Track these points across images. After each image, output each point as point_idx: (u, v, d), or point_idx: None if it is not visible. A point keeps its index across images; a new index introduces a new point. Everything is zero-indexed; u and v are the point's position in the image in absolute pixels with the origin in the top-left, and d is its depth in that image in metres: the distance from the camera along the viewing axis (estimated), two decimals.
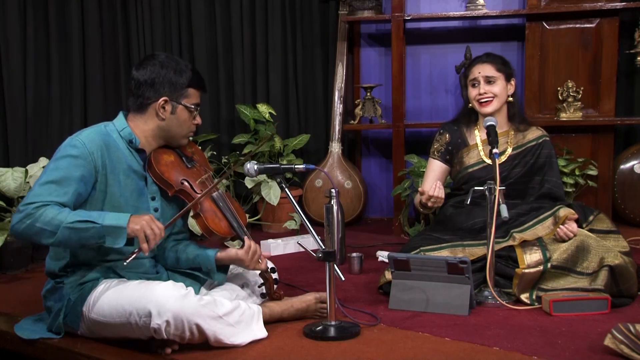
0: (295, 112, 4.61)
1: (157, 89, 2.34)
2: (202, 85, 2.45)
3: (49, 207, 2.11)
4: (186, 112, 2.39)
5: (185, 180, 2.40)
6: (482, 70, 2.96)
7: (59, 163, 2.21)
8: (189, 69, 2.39)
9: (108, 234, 2.11)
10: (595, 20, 4.10)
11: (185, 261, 2.43)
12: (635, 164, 4.14)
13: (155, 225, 2.15)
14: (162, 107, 2.35)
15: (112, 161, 2.29)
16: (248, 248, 2.39)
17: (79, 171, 2.20)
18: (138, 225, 2.12)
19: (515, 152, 3.00)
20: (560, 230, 2.68)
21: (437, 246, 2.78)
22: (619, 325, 2.07)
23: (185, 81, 2.36)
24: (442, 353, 2.15)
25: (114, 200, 2.28)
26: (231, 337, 2.18)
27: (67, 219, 2.09)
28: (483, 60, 3.00)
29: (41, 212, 2.10)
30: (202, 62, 4.40)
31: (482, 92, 2.94)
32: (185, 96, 2.37)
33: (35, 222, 2.09)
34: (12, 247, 3.31)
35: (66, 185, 2.17)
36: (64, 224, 2.08)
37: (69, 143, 2.25)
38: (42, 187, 2.16)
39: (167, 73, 2.34)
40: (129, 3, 4.25)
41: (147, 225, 2.13)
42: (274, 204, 4.03)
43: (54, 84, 3.98)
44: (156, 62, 2.36)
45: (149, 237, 2.13)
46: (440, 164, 3.09)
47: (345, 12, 4.43)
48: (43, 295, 2.37)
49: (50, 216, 2.09)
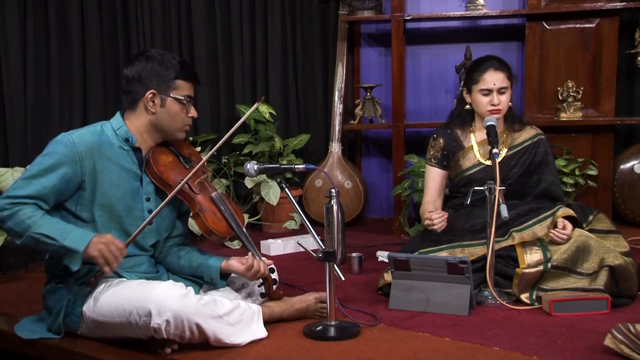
0: (295, 112, 4.60)
1: (145, 83, 2.34)
2: (192, 76, 2.42)
3: (26, 207, 2.14)
4: (177, 105, 2.37)
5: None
6: (497, 80, 2.88)
7: (44, 159, 2.23)
8: (176, 60, 2.38)
9: (65, 255, 2.13)
10: (595, 20, 4.10)
11: (187, 268, 2.42)
12: (635, 164, 4.14)
13: (115, 247, 2.14)
14: (152, 101, 2.34)
15: (103, 161, 2.28)
16: (250, 267, 2.37)
17: (61, 169, 2.21)
18: (96, 251, 2.12)
19: (511, 152, 2.99)
20: (552, 234, 2.67)
21: (437, 247, 2.78)
22: (619, 325, 2.07)
23: (173, 73, 2.35)
24: (442, 353, 2.15)
25: (104, 200, 2.28)
26: (231, 336, 2.18)
27: (33, 228, 2.12)
28: (496, 67, 2.91)
29: (16, 211, 2.13)
30: (202, 62, 4.40)
31: (497, 103, 2.89)
32: (174, 88, 2.36)
33: (7, 219, 2.13)
34: (12, 247, 3.30)
35: (46, 180, 2.18)
36: (30, 231, 2.12)
37: (59, 139, 2.26)
38: (24, 180, 2.19)
39: (153, 66, 2.34)
40: (129, 3, 4.25)
41: (105, 248, 2.13)
42: (274, 204, 4.03)
43: (54, 84, 3.98)
44: (142, 58, 2.37)
45: (109, 260, 2.14)
46: (438, 170, 3.08)
47: (345, 12, 4.43)
48: (43, 295, 2.37)
49: (21, 218, 2.12)
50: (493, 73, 2.90)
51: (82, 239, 2.14)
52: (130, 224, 2.32)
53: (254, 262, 2.37)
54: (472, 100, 2.97)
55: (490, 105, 2.90)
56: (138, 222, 2.31)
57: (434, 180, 3.07)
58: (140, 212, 2.35)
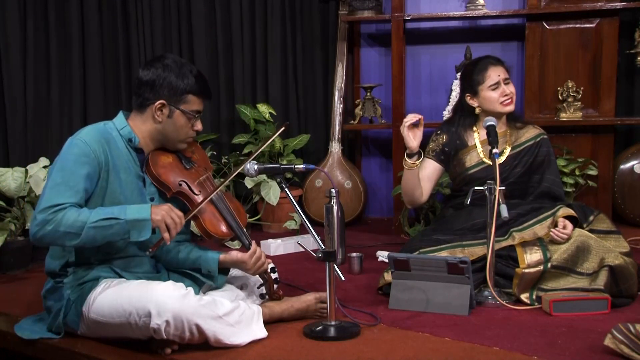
0: (295, 112, 4.61)
1: (156, 91, 2.33)
2: (205, 92, 2.41)
3: (68, 209, 2.11)
4: (183, 118, 2.37)
5: (184, 181, 2.39)
6: (500, 72, 2.96)
7: (63, 164, 2.21)
8: (192, 74, 2.36)
9: (133, 228, 2.14)
10: (595, 20, 4.09)
11: (185, 261, 2.42)
12: (635, 164, 4.14)
13: (175, 214, 2.19)
14: (160, 110, 2.34)
15: (114, 158, 2.29)
16: (253, 252, 2.39)
17: (84, 169, 2.20)
18: (159, 215, 2.16)
19: (514, 151, 3.00)
20: (552, 234, 2.68)
21: (437, 247, 2.78)
22: (619, 325, 2.07)
23: (186, 87, 2.34)
24: (442, 353, 2.15)
25: (114, 197, 2.28)
26: (231, 337, 2.18)
27: (90, 219, 2.11)
28: (494, 62, 2.98)
29: (62, 216, 2.10)
30: (202, 62, 4.40)
31: (508, 92, 2.94)
32: (184, 102, 2.35)
33: (58, 226, 2.09)
34: (12, 247, 3.31)
35: (75, 185, 2.17)
36: (87, 224, 2.10)
37: (70, 144, 2.25)
38: (52, 190, 2.15)
39: (168, 76, 2.32)
40: (129, 3, 4.25)
41: (167, 214, 2.17)
42: (274, 204, 4.03)
43: (54, 84, 3.98)
44: (159, 65, 2.35)
45: (170, 227, 2.17)
46: (434, 163, 3.07)
47: (345, 12, 4.43)
48: (43, 295, 2.37)
49: (72, 219, 2.10)
50: (494, 68, 2.96)
51: (143, 208, 2.17)
52: None
53: (257, 249, 2.39)
54: (482, 100, 2.97)
55: (502, 96, 2.94)
56: None
57: (426, 169, 3.06)
58: None
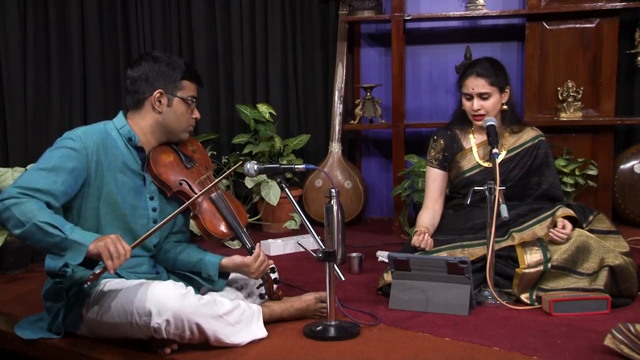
0: (295, 112, 4.60)
1: (152, 83, 2.36)
2: (197, 77, 2.47)
3: (35, 200, 2.10)
4: (183, 105, 2.40)
5: (184, 180, 2.40)
6: (476, 86, 2.90)
7: (53, 153, 2.24)
8: (182, 62, 2.42)
9: (70, 248, 2.05)
10: (595, 20, 4.09)
11: (184, 264, 2.42)
12: (635, 164, 4.14)
13: (121, 245, 2.05)
14: (158, 100, 2.37)
15: (109, 158, 2.30)
16: (257, 256, 2.38)
17: (71, 163, 2.21)
18: (102, 246, 2.02)
19: (510, 154, 2.98)
20: (552, 234, 2.68)
21: (437, 247, 2.78)
22: (619, 325, 2.07)
23: (179, 73, 2.39)
24: (442, 353, 2.15)
25: (110, 198, 2.29)
26: (231, 336, 2.18)
27: (40, 217, 2.05)
28: (477, 73, 2.91)
29: (24, 201, 2.08)
30: (202, 62, 4.40)
31: (477, 109, 2.91)
32: (180, 88, 2.39)
33: (13, 206, 2.07)
34: (12, 247, 3.30)
35: (56, 175, 2.17)
36: (35, 220, 2.04)
37: (66, 136, 2.29)
38: (33, 173, 2.18)
39: (160, 67, 2.37)
40: (129, 3, 4.25)
41: (111, 244, 2.03)
42: (274, 204, 4.03)
43: (54, 84, 3.98)
44: (149, 58, 2.40)
45: (113, 255, 2.02)
46: (439, 171, 3.07)
47: (345, 12, 4.43)
48: (43, 295, 2.37)
49: (29, 208, 2.07)
50: (473, 80, 2.91)
51: (89, 235, 2.09)
52: (134, 222, 2.34)
53: (260, 252, 2.39)
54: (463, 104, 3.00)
55: (471, 109, 2.92)
56: (142, 220, 2.35)
57: (435, 181, 3.07)
58: (144, 211, 2.36)
